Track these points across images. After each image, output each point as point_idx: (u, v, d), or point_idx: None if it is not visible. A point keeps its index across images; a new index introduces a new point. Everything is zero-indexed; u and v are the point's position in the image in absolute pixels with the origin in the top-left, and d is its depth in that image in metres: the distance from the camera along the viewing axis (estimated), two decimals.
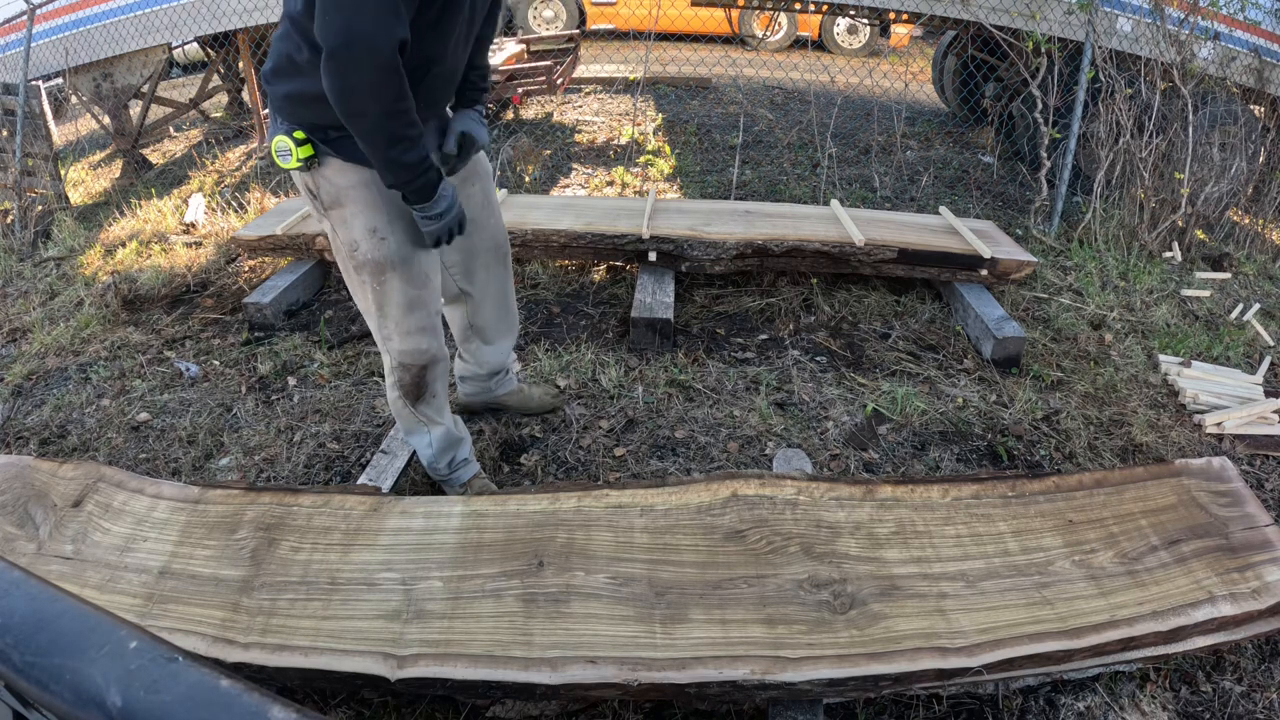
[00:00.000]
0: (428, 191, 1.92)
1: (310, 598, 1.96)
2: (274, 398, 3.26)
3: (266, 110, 6.80)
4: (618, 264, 4.24)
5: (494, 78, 6.47)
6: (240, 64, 7.22)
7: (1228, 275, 4.34)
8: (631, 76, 7.36)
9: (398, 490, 2.62)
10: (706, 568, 2.01)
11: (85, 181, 6.47)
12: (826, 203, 4.56)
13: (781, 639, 1.82)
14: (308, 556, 2.08)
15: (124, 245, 4.76)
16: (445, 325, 2.52)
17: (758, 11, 9.87)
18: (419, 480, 2.75)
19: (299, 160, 1.98)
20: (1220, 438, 3.03)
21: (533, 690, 1.75)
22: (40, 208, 5.43)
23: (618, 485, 2.29)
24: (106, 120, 6.49)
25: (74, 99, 6.90)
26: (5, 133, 5.58)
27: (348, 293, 4.09)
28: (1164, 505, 2.23)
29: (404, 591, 1.97)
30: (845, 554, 2.05)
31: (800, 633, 1.83)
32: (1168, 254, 4.49)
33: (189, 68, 10.53)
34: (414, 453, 2.73)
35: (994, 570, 2.02)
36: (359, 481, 2.61)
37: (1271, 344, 3.71)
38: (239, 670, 1.80)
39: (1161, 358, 3.50)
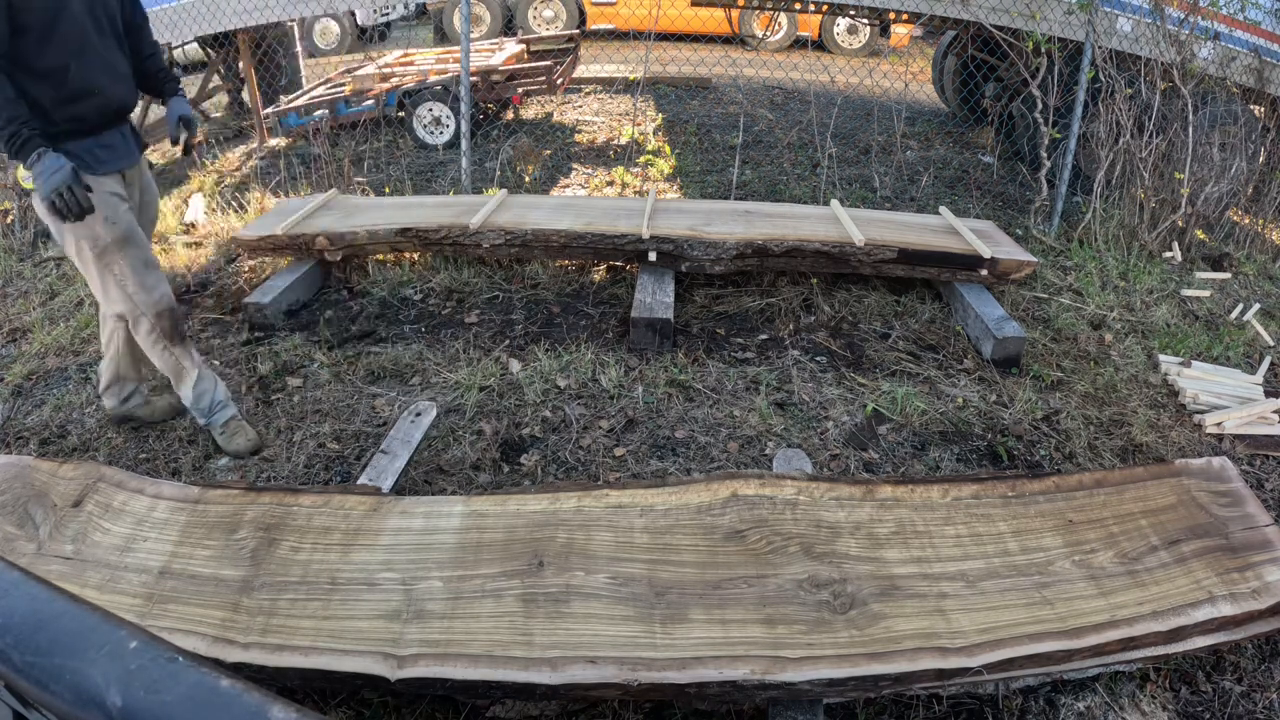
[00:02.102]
0: (20, 155, 2.32)
1: (310, 598, 1.96)
2: (274, 398, 3.26)
3: (266, 110, 6.82)
4: (618, 264, 4.24)
5: (494, 78, 6.47)
6: (240, 64, 7.22)
7: (1228, 275, 4.34)
8: (631, 76, 7.36)
9: (398, 490, 2.62)
10: (706, 568, 2.01)
11: None
12: (826, 203, 4.57)
13: (781, 639, 1.82)
14: (308, 556, 2.08)
15: None
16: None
17: (758, 11, 9.87)
18: (418, 480, 2.75)
19: None
20: (1220, 438, 3.03)
21: (533, 690, 1.75)
22: None
23: (618, 485, 2.29)
24: None
25: None
26: None
27: (348, 293, 4.10)
28: (1164, 505, 2.23)
29: (404, 591, 1.97)
30: (845, 554, 2.05)
31: (800, 633, 1.83)
32: (1168, 254, 4.49)
33: (189, 68, 10.52)
34: (413, 454, 2.74)
35: (994, 570, 2.02)
36: (359, 481, 2.60)
37: (1271, 344, 3.70)
38: (239, 670, 1.80)
39: (1161, 358, 3.50)
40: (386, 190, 5.24)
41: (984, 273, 3.75)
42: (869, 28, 10.85)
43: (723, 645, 1.80)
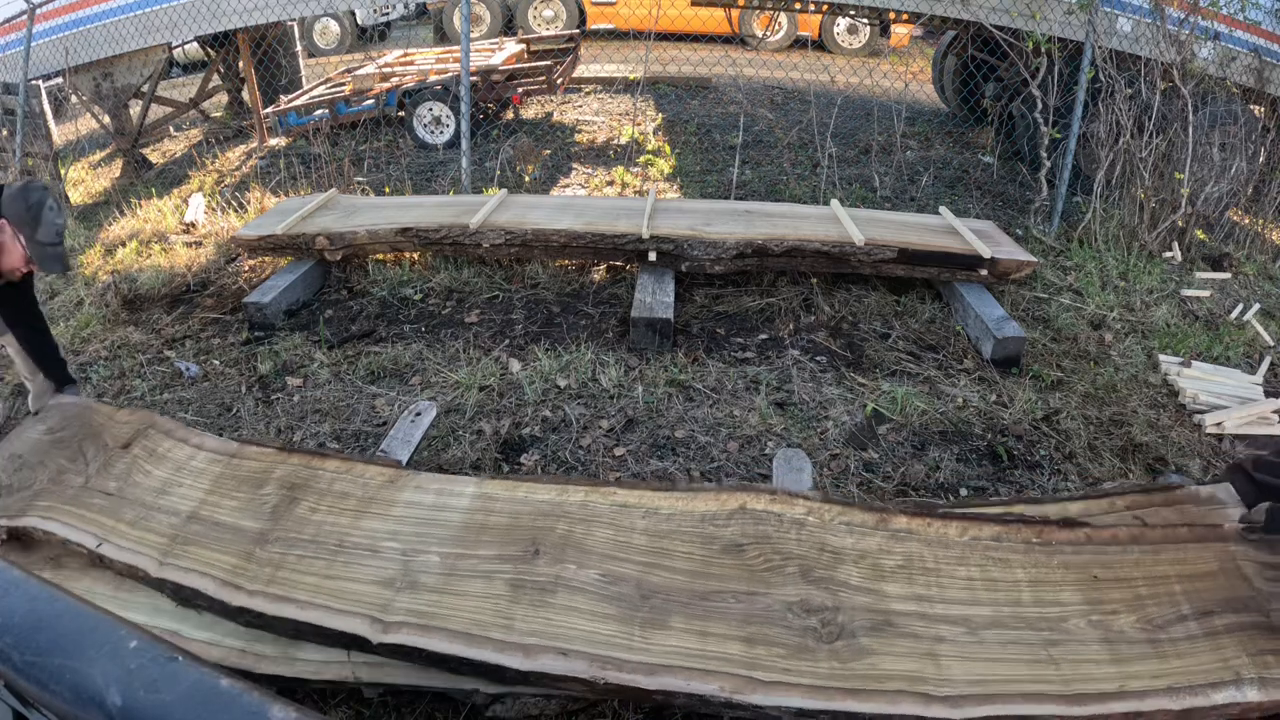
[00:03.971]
0: None
1: (317, 556, 2.06)
2: (274, 397, 3.26)
3: (266, 110, 6.82)
4: (618, 264, 4.24)
5: (494, 78, 6.47)
6: (240, 64, 7.22)
7: (1228, 275, 4.34)
8: (631, 76, 7.36)
9: None
10: (697, 577, 1.98)
11: (85, 181, 6.47)
12: (826, 203, 4.56)
13: (758, 659, 1.76)
14: (322, 518, 2.18)
15: (124, 245, 4.76)
16: None
17: (758, 11, 9.87)
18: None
19: None
20: (1220, 438, 3.03)
21: (502, 672, 1.76)
22: None
23: (626, 485, 2.30)
24: (106, 120, 6.48)
25: (74, 98, 6.90)
26: (5, 132, 5.58)
27: (348, 293, 4.10)
28: (1202, 571, 2.01)
29: (403, 562, 2.03)
30: (844, 582, 1.96)
31: (779, 656, 1.77)
32: (1168, 254, 4.49)
33: (189, 67, 10.52)
34: (413, 453, 2.75)
35: (1000, 619, 1.88)
36: None
37: (1271, 344, 3.70)
38: (240, 614, 1.93)
39: (1161, 358, 3.49)
40: (386, 190, 5.24)
41: (984, 273, 3.75)
42: (869, 28, 10.84)
43: (697, 657, 1.77)
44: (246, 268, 4.37)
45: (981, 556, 2.05)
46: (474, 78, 6.01)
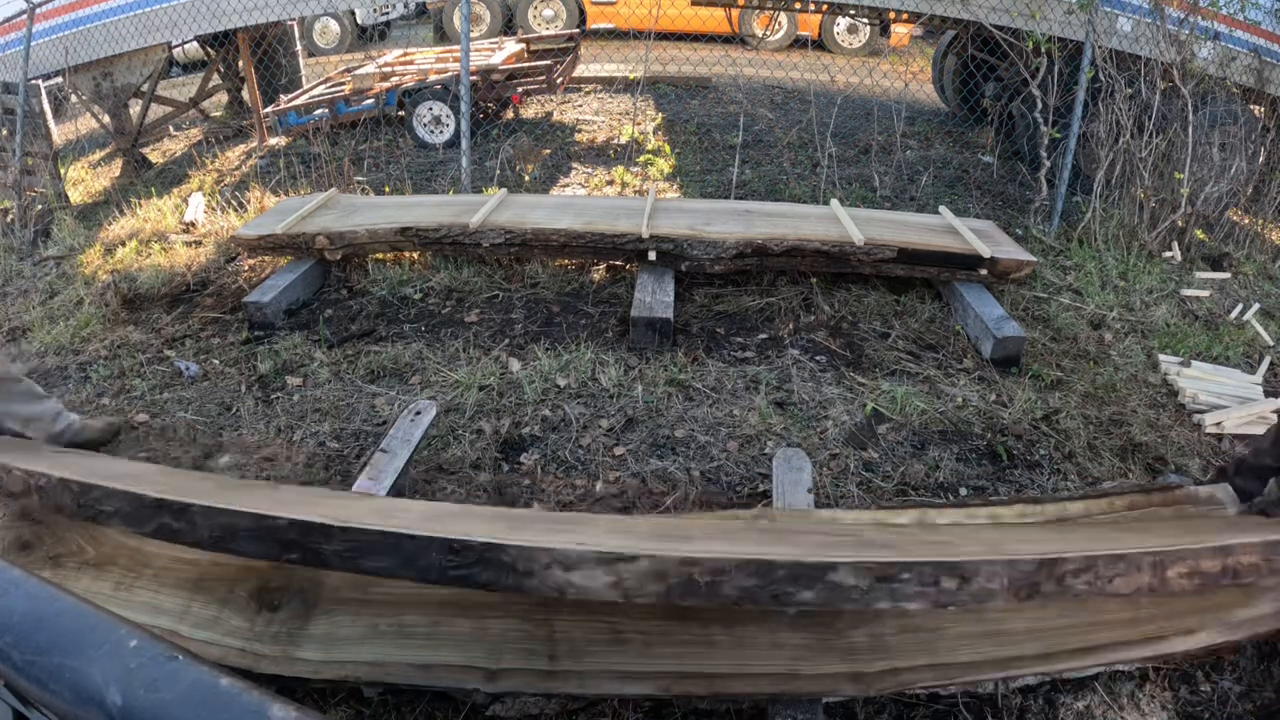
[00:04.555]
0: None
1: None
2: (274, 396, 3.26)
3: (266, 110, 6.81)
4: (617, 263, 4.23)
5: (494, 77, 6.47)
6: (240, 63, 7.21)
7: (1227, 275, 4.34)
8: (631, 76, 7.36)
9: (396, 490, 2.62)
10: (716, 530, 2.04)
11: (85, 180, 6.46)
12: (826, 202, 4.56)
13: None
14: None
15: (124, 244, 4.76)
16: None
17: (758, 11, 9.87)
18: (418, 480, 2.75)
19: None
20: (1220, 437, 3.03)
21: None
22: (40, 207, 5.43)
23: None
24: (106, 119, 6.48)
25: (74, 98, 6.90)
26: (5, 132, 5.58)
27: (348, 292, 4.10)
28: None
29: None
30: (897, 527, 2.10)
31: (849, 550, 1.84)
32: (1168, 254, 4.49)
33: (189, 67, 10.52)
34: (413, 452, 2.74)
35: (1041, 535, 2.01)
36: (357, 480, 2.60)
37: (1271, 344, 3.70)
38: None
39: (1161, 357, 3.50)
40: (386, 189, 5.24)
41: (983, 272, 3.75)
42: (869, 27, 10.84)
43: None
44: (246, 267, 4.37)
45: (990, 531, 2.14)
46: (474, 77, 6.01)
